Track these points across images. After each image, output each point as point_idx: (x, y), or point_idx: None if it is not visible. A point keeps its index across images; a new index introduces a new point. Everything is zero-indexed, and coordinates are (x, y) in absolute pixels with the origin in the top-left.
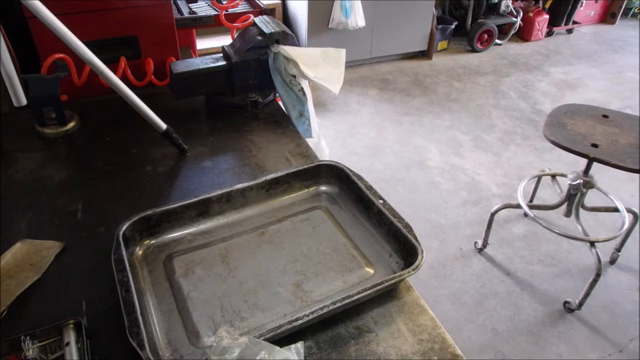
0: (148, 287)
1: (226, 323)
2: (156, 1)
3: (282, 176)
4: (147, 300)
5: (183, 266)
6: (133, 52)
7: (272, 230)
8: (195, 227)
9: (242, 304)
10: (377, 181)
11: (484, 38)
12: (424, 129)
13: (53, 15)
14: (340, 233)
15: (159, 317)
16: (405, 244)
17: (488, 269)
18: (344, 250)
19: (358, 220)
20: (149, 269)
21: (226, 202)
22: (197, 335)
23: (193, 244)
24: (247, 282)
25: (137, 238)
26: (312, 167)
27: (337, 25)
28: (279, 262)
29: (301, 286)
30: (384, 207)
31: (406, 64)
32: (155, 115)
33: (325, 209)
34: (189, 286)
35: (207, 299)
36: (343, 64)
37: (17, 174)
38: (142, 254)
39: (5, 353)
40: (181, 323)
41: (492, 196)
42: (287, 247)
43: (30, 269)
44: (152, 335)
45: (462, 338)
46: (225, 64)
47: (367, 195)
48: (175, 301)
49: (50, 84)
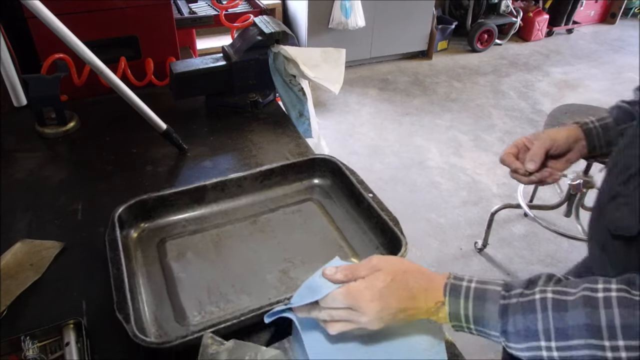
0: (140, 267)
1: (212, 304)
2: (156, 1)
3: (276, 168)
4: (137, 280)
5: (175, 250)
6: (133, 52)
7: (265, 219)
8: (189, 214)
9: (229, 288)
10: (377, 181)
11: (484, 38)
12: (424, 129)
13: (53, 15)
14: (331, 225)
15: (148, 296)
16: (391, 237)
17: (488, 269)
18: (333, 241)
19: (349, 214)
20: (142, 251)
21: (221, 191)
22: (183, 314)
23: (187, 229)
24: (236, 268)
25: (133, 221)
26: (306, 160)
27: (337, 25)
28: (269, 250)
29: (288, 273)
30: (373, 201)
31: (406, 64)
32: (155, 115)
33: (318, 201)
34: (179, 269)
35: (195, 281)
36: (343, 64)
37: (17, 174)
38: (137, 237)
39: (5, 353)
40: (169, 303)
41: (492, 196)
42: (277, 236)
43: (30, 269)
44: (140, 313)
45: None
46: (225, 64)
47: (358, 189)
48: (165, 282)
49: (50, 84)
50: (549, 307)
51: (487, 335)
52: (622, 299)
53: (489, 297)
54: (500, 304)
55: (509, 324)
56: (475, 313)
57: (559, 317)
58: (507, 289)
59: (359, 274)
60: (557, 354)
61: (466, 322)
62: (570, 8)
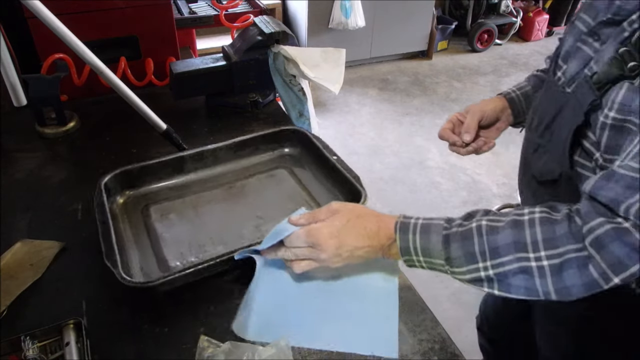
0: (126, 229)
1: (192, 255)
2: (156, 1)
3: (249, 139)
4: (124, 239)
5: (158, 213)
6: (133, 52)
7: (239, 185)
8: (171, 181)
9: (207, 241)
10: (377, 181)
11: (484, 38)
12: (424, 129)
13: (53, 15)
14: (300, 187)
15: (134, 252)
16: (354, 192)
17: None
18: (301, 199)
19: (316, 177)
20: (128, 216)
21: (199, 161)
22: (166, 264)
23: (168, 195)
24: (213, 225)
25: (119, 189)
26: (276, 131)
27: (337, 25)
28: (243, 209)
29: (259, 227)
30: (337, 162)
31: (406, 64)
32: (155, 115)
33: (289, 168)
34: (162, 229)
35: (177, 238)
36: (343, 64)
37: (17, 174)
38: (123, 203)
39: (5, 353)
40: (153, 255)
41: (492, 196)
42: (251, 198)
43: (30, 269)
44: (127, 265)
45: (462, 338)
46: (225, 64)
47: (324, 152)
48: (149, 240)
49: (50, 84)
50: (484, 233)
51: (433, 266)
52: (544, 219)
53: (433, 230)
54: (443, 234)
55: (451, 250)
56: (422, 245)
57: (492, 239)
58: (448, 222)
59: (320, 217)
60: (492, 271)
61: (415, 255)
62: (570, 8)
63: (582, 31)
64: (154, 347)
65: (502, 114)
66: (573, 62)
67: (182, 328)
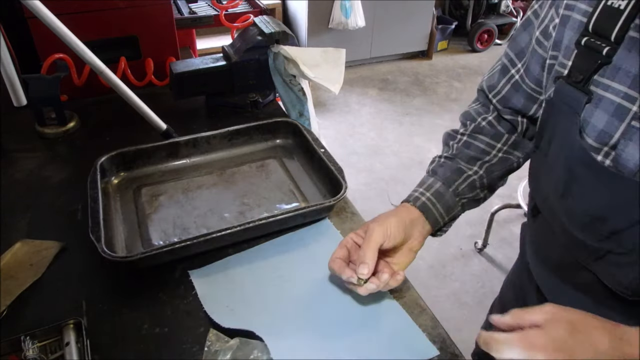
0: (117, 209)
1: (175, 236)
2: (156, 1)
3: (243, 128)
4: (113, 216)
5: (149, 194)
6: (133, 52)
7: (230, 172)
8: (164, 165)
9: (192, 224)
10: (377, 181)
11: (484, 38)
12: (424, 129)
13: (53, 15)
14: (288, 178)
15: (120, 229)
16: (336, 184)
17: (488, 269)
18: (287, 189)
19: (304, 169)
20: (120, 196)
21: (193, 147)
22: (149, 243)
23: (161, 179)
24: (200, 209)
25: (114, 170)
26: (271, 122)
27: (337, 25)
28: (230, 195)
29: (244, 214)
30: (323, 155)
31: (406, 64)
32: (155, 115)
33: (280, 158)
34: (150, 209)
35: (163, 218)
36: (343, 64)
37: (17, 174)
38: (117, 183)
39: (5, 353)
40: (138, 234)
41: (492, 196)
42: (239, 185)
43: (30, 269)
44: (113, 240)
45: (462, 338)
46: (225, 64)
47: (312, 145)
48: (137, 219)
49: (50, 84)
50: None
51: None
52: None
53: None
54: None
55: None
56: None
57: None
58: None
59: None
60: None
61: None
62: None
63: (627, 108)
64: (154, 347)
65: (413, 228)
66: (630, 146)
67: (183, 328)
